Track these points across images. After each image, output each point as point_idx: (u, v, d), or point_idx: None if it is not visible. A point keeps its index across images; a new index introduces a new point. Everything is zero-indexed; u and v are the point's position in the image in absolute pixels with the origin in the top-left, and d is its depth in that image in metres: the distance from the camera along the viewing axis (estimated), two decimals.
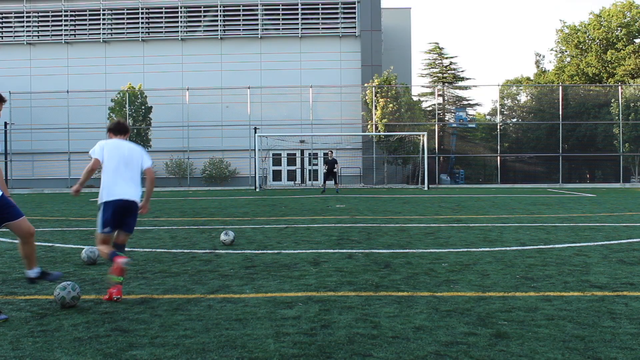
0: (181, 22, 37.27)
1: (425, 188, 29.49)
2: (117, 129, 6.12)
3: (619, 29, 44.73)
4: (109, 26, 37.66)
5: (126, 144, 6.04)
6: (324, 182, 26.73)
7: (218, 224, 12.21)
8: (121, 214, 5.74)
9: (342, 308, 5.00)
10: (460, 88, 50.50)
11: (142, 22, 37.36)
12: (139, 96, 34.28)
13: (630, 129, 34.57)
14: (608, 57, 44.09)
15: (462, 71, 56.08)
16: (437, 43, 54.53)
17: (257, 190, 29.11)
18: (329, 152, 27.00)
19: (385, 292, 5.59)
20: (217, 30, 37.19)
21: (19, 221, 5.18)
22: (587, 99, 40.87)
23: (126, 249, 8.60)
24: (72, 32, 37.75)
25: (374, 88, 34.40)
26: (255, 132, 31.01)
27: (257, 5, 37.01)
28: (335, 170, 25.79)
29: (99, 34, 37.46)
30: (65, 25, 37.58)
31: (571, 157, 39.13)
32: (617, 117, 35.12)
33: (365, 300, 5.27)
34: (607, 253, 7.82)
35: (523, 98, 49.47)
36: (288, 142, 35.96)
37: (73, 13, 37.70)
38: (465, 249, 8.25)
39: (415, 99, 43.74)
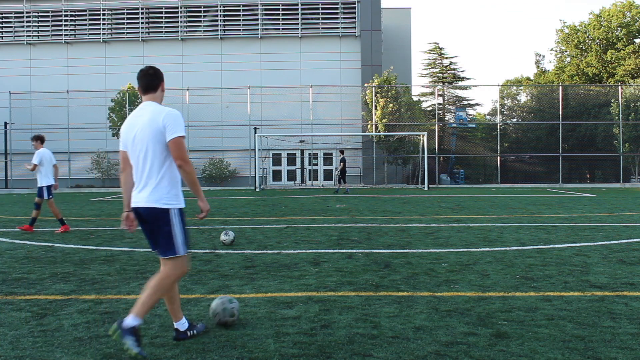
0: (181, 22, 37.27)
1: (425, 188, 29.48)
2: None
3: (619, 29, 44.75)
4: (109, 26, 37.66)
5: None
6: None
7: (218, 224, 12.20)
8: None
9: (342, 308, 5.00)
10: (460, 88, 50.51)
11: (142, 22, 37.36)
12: (139, 96, 34.25)
13: (630, 129, 34.57)
14: (608, 57, 44.10)
15: (462, 71, 56.13)
16: (437, 43, 54.58)
17: (257, 190, 29.11)
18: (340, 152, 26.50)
19: (385, 292, 5.58)
20: (217, 30, 37.19)
21: None
22: (587, 99, 40.88)
23: (126, 249, 8.64)
24: (72, 32, 37.75)
25: (374, 88, 34.39)
26: (255, 132, 31.01)
27: (257, 5, 37.01)
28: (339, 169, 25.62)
29: (99, 34, 37.46)
30: (65, 25, 37.58)
31: (571, 157, 39.14)
32: (617, 117, 35.12)
33: (365, 300, 5.27)
34: (607, 253, 7.82)
35: (523, 98, 49.51)
36: (288, 142, 35.96)
37: (73, 13, 37.71)
38: (465, 249, 8.25)
39: (415, 99, 43.75)
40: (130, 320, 3.80)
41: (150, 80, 4.16)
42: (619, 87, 35.85)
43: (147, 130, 4.00)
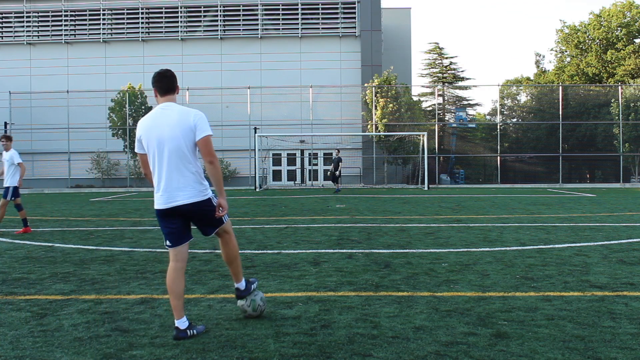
0: (181, 22, 37.26)
1: (425, 188, 29.48)
2: None
3: (619, 29, 44.74)
4: (109, 26, 37.65)
5: None
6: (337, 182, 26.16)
7: None
8: None
9: (342, 308, 5.00)
10: (460, 88, 50.50)
11: (142, 22, 37.35)
12: (139, 96, 34.29)
13: (630, 129, 34.56)
14: (608, 57, 44.09)
15: (462, 71, 56.10)
16: (437, 43, 54.56)
17: (257, 190, 29.11)
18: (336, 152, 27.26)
19: (385, 292, 5.58)
20: (217, 30, 37.18)
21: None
22: (587, 99, 40.87)
23: (126, 249, 8.63)
24: (72, 32, 37.74)
25: (374, 88, 34.39)
26: (255, 132, 31.00)
27: (257, 5, 37.00)
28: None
29: (99, 34, 37.45)
30: (65, 25, 37.57)
31: (571, 157, 39.12)
32: (617, 117, 35.12)
33: (365, 300, 5.27)
34: (607, 253, 7.82)
35: (523, 98, 49.50)
36: (288, 142, 35.95)
37: (73, 13, 37.69)
38: (465, 249, 8.25)
39: (415, 99, 43.72)
40: (241, 285, 4.67)
41: (170, 82, 4.42)
42: (619, 87, 35.84)
43: (177, 129, 4.22)
